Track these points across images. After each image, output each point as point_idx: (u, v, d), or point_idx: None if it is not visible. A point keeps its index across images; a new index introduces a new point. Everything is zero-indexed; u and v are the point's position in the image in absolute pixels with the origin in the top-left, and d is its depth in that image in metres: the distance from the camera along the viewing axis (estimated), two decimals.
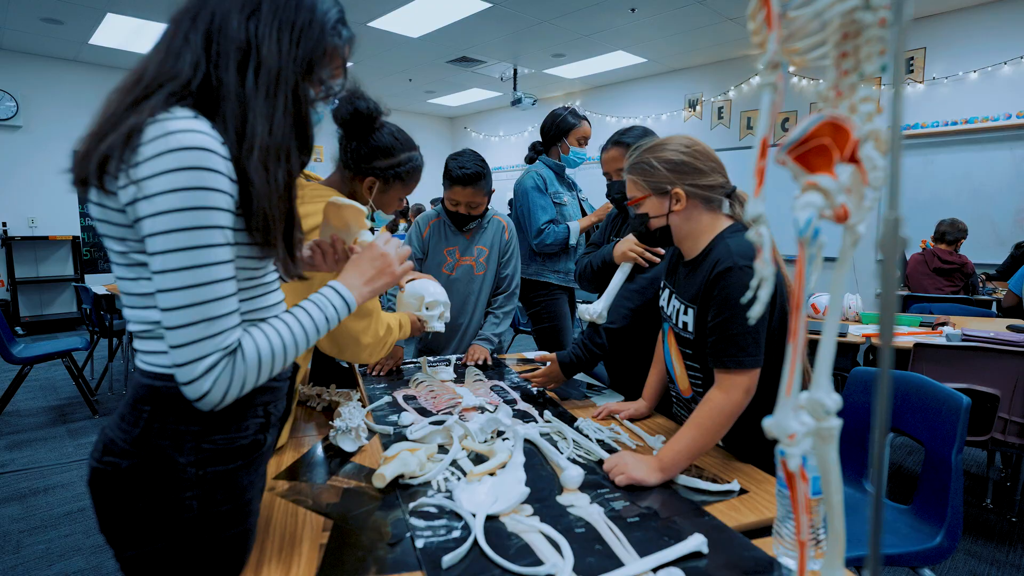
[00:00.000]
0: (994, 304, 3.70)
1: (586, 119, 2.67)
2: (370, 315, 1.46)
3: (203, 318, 0.72)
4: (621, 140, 1.86)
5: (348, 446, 1.32)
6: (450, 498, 1.10)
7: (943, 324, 2.57)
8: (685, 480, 1.17)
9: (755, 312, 0.55)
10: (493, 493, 1.09)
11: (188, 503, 0.81)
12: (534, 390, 1.78)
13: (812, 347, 0.59)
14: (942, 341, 2.26)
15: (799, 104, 6.35)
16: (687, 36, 6.09)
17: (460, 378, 1.92)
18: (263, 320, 0.84)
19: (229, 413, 0.84)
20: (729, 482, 1.16)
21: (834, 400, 0.58)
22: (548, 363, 1.73)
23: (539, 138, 2.68)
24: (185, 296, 0.71)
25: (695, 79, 7.27)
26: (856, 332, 2.63)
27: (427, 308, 1.77)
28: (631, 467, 1.15)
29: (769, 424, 0.58)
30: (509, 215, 2.60)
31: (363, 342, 1.43)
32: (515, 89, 7.42)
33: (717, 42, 6.31)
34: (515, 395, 1.73)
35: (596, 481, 1.18)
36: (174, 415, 0.79)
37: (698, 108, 7.25)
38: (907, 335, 2.49)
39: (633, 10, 5.23)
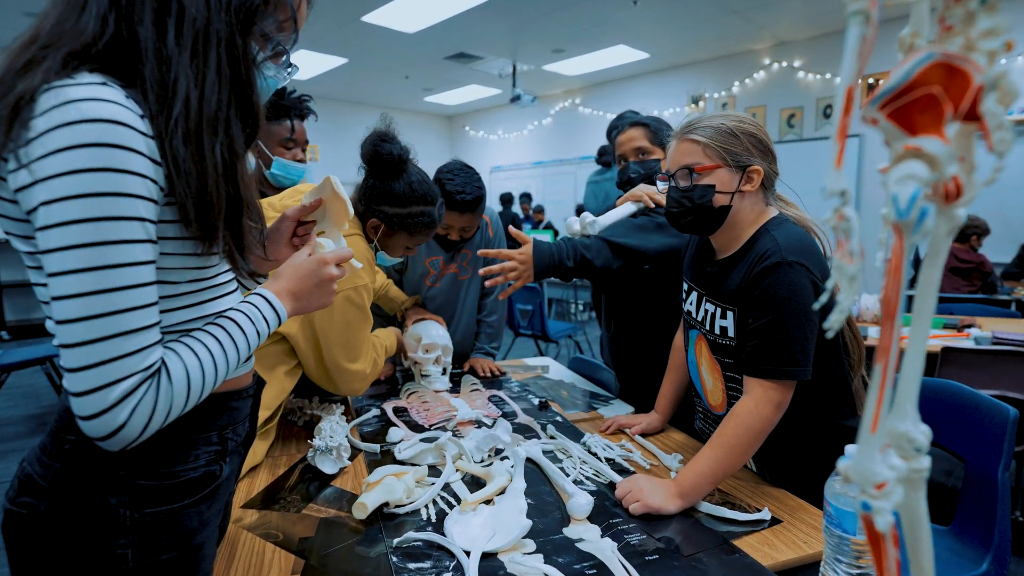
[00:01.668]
0: (1013, 304, 3.56)
1: None
2: (361, 348, 1.36)
3: (114, 332, 0.58)
4: (639, 120, 1.69)
5: (328, 468, 1.18)
6: (440, 532, 0.96)
7: (969, 326, 2.43)
8: (709, 508, 1.03)
9: (834, 321, 0.42)
10: (490, 526, 0.95)
11: (121, 552, 0.67)
12: (535, 400, 1.64)
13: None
14: (971, 344, 2.12)
15: (805, 99, 6.22)
16: (690, 30, 5.96)
17: (456, 387, 1.78)
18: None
19: (173, 441, 0.70)
20: (759, 510, 1.02)
21: (924, 433, 0.44)
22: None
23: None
24: (88, 305, 0.57)
25: (698, 74, 7.13)
26: (877, 335, 2.48)
27: (425, 351, 1.72)
28: (647, 493, 1.02)
29: (848, 468, 0.44)
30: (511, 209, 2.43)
31: (354, 376, 1.36)
32: (514, 86, 7.29)
33: (721, 36, 6.17)
34: (515, 407, 1.59)
35: (607, 508, 1.04)
36: None
37: (701, 104, 7.11)
38: (933, 338, 2.35)
39: (635, 2, 5.10)
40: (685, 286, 1.32)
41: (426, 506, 1.05)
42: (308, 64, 7.07)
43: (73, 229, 0.56)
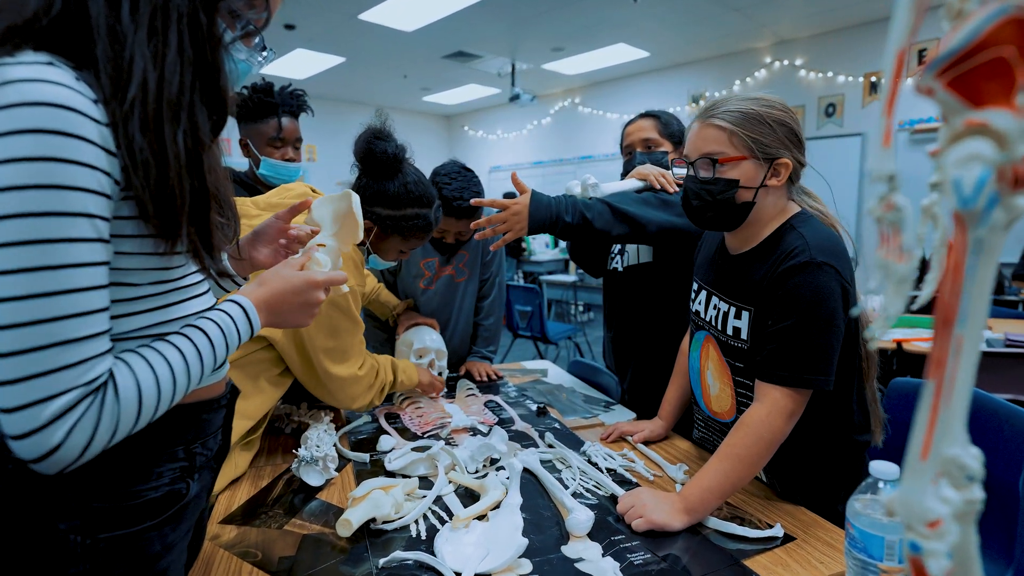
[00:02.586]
0: (1021, 305, 3.50)
1: None
2: (349, 352, 1.29)
3: (50, 342, 0.51)
4: (650, 112, 1.63)
5: (314, 479, 1.12)
6: (430, 550, 0.89)
7: None
8: (717, 524, 0.96)
9: (877, 330, 0.36)
10: (483, 545, 0.89)
11: None
12: (533, 406, 1.58)
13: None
14: (982, 347, 2.05)
15: (806, 98, 6.15)
16: (690, 28, 5.89)
17: (451, 392, 1.72)
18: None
19: (132, 458, 0.64)
20: (771, 525, 0.95)
21: (975, 457, 0.38)
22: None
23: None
24: (20, 310, 0.50)
25: (699, 73, 7.07)
26: (884, 337, 2.41)
27: (417, 356, 1.66)
28: (651, 508, 0.95)
29: (895, 502, 0.38)
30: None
31: (345, 381, 1.29)
32: (513, 85, 7.22)
33: (722, 34, 6.11)
34: (512, 413, 1.53)
35: (609, 524, 0.98)
36: None
37: (702, 103, 7.06)
38: None
39: (635, 0, 5.04)
40: (695, 285, 1.24)
41: (416, 521, 0.99)
42: (305, 63, 7.01)
43: (8, 225, 0.49)
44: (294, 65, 7.10)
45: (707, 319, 1.16)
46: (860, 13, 5.47)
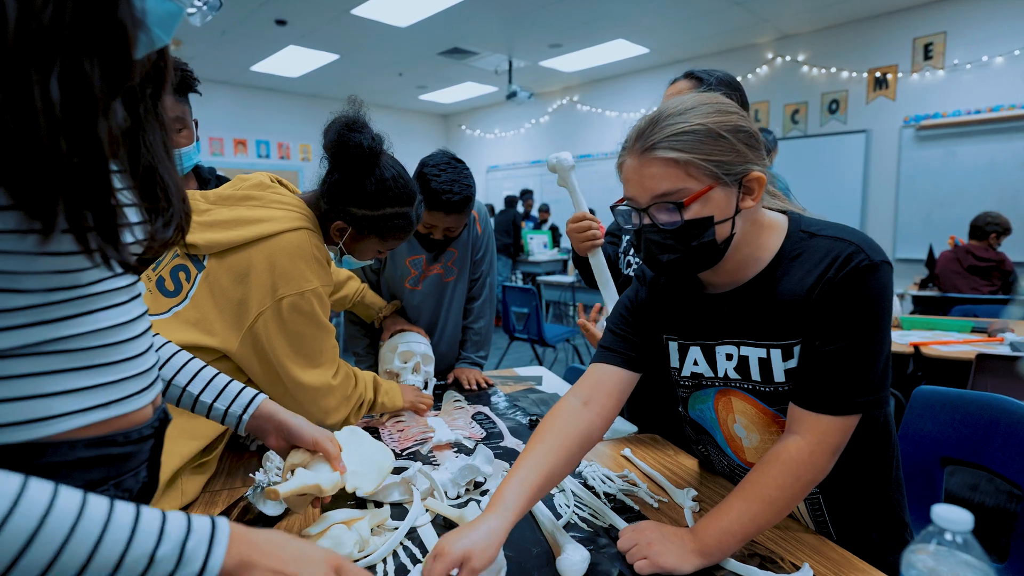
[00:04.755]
0: None
1: None
2: (317, 358, 1.15)
3: None
4: (694, 72, 1.40)
5: (270, 509, 0.98)
6: None
7: (1001, 330, 2.24)
8: (735, 566, 0.82)
9: None
10: None
11: None
12: (525, 419, 1.45)
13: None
14: (1006, 351, 1.93)
15: (809, 94, 6.03)
16: (691, 23, 5.77)
17: (437, 401, 1.59)
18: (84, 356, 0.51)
19: None
20: (797, 567, 0.82)
21: None
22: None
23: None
24: None
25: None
26: (900, 340, 2.29)
27: (402, 360, 1.54)
28: (657, 549, 0.81)
29: None
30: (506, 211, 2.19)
31: (317, 392, 1.16)
32: (510, 82, 7.10)
33: (723, 30, 5.99)
34: (502, 426, 1.39)
35: (606, 563, 0.84)
36: None
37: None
38: (963, 344, 2.15)
39: None
40: (674, 346, 1.00)
41: (384, 561, 0.85)
42: (298, 61, 6.89)
43: None
44: (287, 63, 6.98)
45: (719, 375, 0.95)
46: (864, 7, 5.34)
